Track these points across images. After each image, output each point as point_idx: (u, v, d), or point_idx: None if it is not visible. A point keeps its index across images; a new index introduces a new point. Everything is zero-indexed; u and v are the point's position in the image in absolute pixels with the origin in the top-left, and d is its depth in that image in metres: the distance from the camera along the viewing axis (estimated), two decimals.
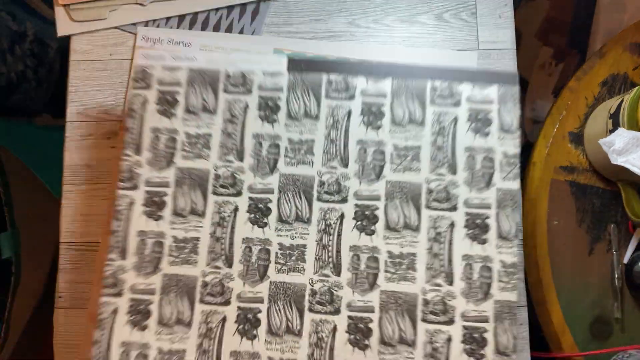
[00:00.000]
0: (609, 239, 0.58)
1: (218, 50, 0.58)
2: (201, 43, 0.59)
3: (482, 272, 0.47)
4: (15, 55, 0.86)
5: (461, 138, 0.49)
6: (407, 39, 0.60)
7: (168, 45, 0.59)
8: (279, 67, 0.51)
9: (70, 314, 0.56)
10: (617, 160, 0.50)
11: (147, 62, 0.52)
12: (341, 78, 0.50)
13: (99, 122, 0.59)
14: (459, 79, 0.50)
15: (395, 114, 0.50)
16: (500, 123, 0.49)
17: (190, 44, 0.59)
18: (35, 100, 0.94)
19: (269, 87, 0.51)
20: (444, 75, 0.50)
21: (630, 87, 0.60)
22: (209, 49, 0.59)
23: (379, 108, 0.50)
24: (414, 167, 0.49)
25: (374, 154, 0.50)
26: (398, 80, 0.50)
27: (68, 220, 0.58)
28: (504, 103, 0.50)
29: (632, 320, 0.57)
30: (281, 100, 0.51)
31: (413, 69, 0.51)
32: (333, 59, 0.53)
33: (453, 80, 0.50)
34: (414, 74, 0.50)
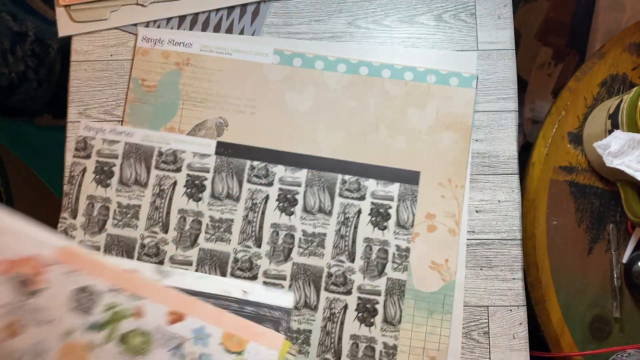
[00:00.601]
0: (608, 238, 0.58)
1: (218, 51, 0.58)
2: (202, 43, 0.60)
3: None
4: (16, 56, 0.87)
5: (362, 229, 0.55)
6: (406, 40, 0.60)
7: (169, 45, 0.59)
8: (208, 149, 0.57)
9: None
10: (613, 163, 0.50)
11: (89, 133, 0.57)
12: (263, 165, 0.56)
13: (100, 122, 0.59)
14: (366, 175, 0.56)
15: (307, 203, 0.56)
16: (397, 219, 0.55)
17: (190, 44, 0.60)
18: (36, 100, 0.94)
19: (197, 167, 0.56)
20: (354, 170, 0.56)
21: (629, 87, 0.61)
22: (209, 50, 0.59)
23: (293, 195, 0.56)
24: (318, 252, 0.55)
25: (284, 237, 0.55)
26: (313, 171, 0.56)
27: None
28: (403, 201, 0.55)
29: (631, 319, 0.57)
30: (207, 180, 0.56)
31: (328, 161, 0.56)
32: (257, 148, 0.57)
33: (361, 176, 0.56)
34: (328, 167, 0.56)
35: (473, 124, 0.58)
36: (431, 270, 0.55)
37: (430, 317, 0.54)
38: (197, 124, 0.58)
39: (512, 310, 0.55)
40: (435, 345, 0.54)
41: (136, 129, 0.58)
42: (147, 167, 0.57)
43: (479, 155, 0.58)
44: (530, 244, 0.58)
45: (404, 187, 0.56)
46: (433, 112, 0.57)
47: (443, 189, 0.56)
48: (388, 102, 0.57)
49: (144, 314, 0.51)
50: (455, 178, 0.56)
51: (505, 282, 0.56)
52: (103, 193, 0.56)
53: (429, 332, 0.54)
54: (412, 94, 0.58)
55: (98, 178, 0.56)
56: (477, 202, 0.57)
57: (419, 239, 0.56)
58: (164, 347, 0.50)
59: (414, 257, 0.55)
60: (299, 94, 0.58)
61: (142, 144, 0.57)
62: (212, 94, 0.58)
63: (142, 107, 0.58)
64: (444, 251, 0.55)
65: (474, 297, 0.56)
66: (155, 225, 0.55)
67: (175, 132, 0.58)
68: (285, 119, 0.58)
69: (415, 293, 0.55)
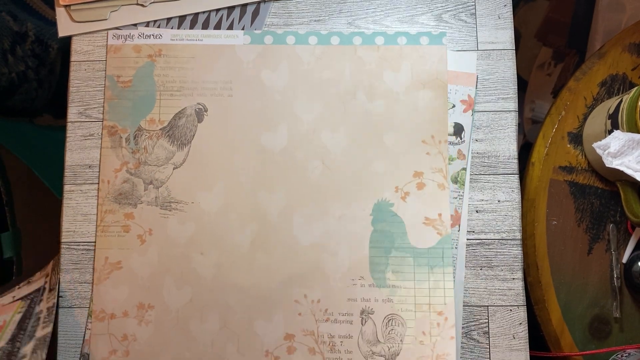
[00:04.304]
0: (607, 238, 0.58)
1: (189, 38, 0.59)
2: (172, 33, 0.60)
3: None
4: (16, 56, 0.87)
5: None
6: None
7: (140, 39, 0.59)
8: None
9: (70, 314, 0.57)
10: (612, 163, 0.50)
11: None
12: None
13: (100, 122, 0.59)
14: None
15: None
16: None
17: (160, 35, 0.60)
18: (37, 100, 0.94)
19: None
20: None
21: (629, 87, 0.61)
22: (179, 38, 0.59)
23: None
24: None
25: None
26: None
27: (69, 220, 0.58)
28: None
29: (631, 319, 0.57)
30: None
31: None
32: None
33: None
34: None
35: (473, 124, 0.58)
36: (426, 226, 0.56)
37: (432, 272, 0.55)
38: (177, 112, 0.58)
39: (512, 310, 0.56)
40: (441, 300, 0.55)
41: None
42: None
43: (479, 155, 0.58)
44: (530, 244, 0.58)
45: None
46: (408, 73, 0.58)
47: (427, 146, 0.57)
48: (363, 68, 0.58)
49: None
50: (438, 134, 0.57)
51: (505, 282, 0.56)
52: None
53: (432, 287, 0.55)
54: (385, 57, 0.58)
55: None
56: (477, 202, 0.57)
57: (410, 197, 0.56)
58: None
59: (407, 216, 0.56)
60: (273, 71, 0.58)
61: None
62: (188, 81, 0.59)
63: (121, 103, 0.59)
64: (436, 206, 0.56)
65: (474, 297, 0.56)
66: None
67: (156, 124, 0.58)
68: (263, 97, 0.58)
69: (413, 250, 0.55)
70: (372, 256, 0.56)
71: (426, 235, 0.56)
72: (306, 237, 0.56)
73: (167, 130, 0.58)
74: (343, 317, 0.55)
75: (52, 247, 0.87)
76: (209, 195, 0.57)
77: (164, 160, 0.58)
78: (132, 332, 0.55)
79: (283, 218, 0.56)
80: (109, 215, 0.57)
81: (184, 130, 0.58)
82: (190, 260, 0.56)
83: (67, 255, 0.58)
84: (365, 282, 0.55)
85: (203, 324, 0.55)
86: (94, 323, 0.55)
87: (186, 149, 0.58)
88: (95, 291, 0.56)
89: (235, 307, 0.55)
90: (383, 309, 0.55)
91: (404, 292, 0.55)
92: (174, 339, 0.55)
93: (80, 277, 0.57)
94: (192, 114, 0.58)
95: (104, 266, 0.56)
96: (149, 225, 0.57)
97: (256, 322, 0.55)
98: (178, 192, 0.57)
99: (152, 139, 0.58)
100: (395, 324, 0.54)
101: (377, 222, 0.56)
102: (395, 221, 0.56)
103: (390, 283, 0.55)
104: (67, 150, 0.59)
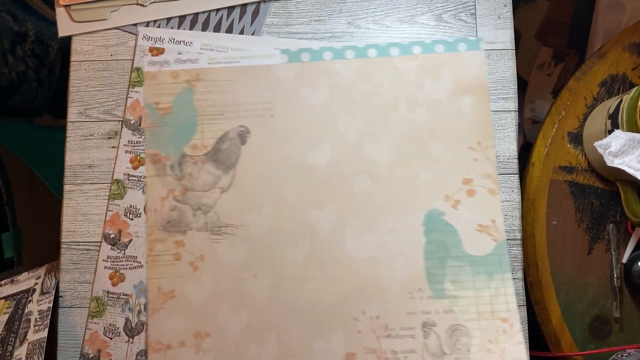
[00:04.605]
0: (607, 238, 0.58)
1: (226, 61, 0.58)
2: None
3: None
4: (16, 56, 0.87)
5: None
6: (406, 40, 0.60)
7: (176, 65, 0.58)
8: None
9: (70, 314, 0.57)
10: (613, 163, 0.50)
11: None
12: None
13: (100, 122, 0.60)
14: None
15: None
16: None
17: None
18: (37, 100, 0.94)
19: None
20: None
21: (629, 87, 0.61)
22: (216, 62, 0.59)
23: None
24: None
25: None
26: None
27: (69, 220, 0.58)
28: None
29: (631, 319, 0.57)
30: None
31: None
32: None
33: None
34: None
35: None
36: (480, 234, 0.55)
37: (491, 279, 0.54)
38: (220, 136, 0.57)
39: None
40: (504, 306, 0.54)
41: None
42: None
43: None
44: (530, 244, 0.58)
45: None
46: (448, 80, 0.57)
47: (474, 152, 0.56)
48: (402, 78, 0.58)
49: None
50: (484, 139, 0.56)
51: None
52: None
53: (492, 294, 0.54)
54: (424, 66, 0.58)
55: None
56: None
57: (461, 205, 0.55)
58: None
59: (460, 224, 0.55)
60: (313, 88, 0.58)
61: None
62: (228, 104, 0.58)
63: (161, 130, 0.58)
64: (488, 212, 0.55)
65: None
66: None
67: (199, 149, 0.57)
68: (304, 114, 0.58)
69: (469, 259, 0.55)
70: (428, 267, 0.55)
71: (481, 243, 0.55)
72: (359, 252, 0.55)
73: (212, 155, 0.57)
74: (404, 332, 0.53)
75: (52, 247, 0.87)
76: (258, 217, 0.56)
77: (210, 185, 0.57)
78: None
79: (334, 234, 0.56)
80: (159, 244, 0.56)
81: (228, 153, 0.57)
82: (245, 283, 0.55)
83: (67, 255, 0.58)
84: (423, 294, 0.54)
85: (262, 348, 0.53)
86: (150, 355, 0.54)
87: (231, 172, 0.57)
88: (150, 322, 0.55)
89: (293, 327, 0.54)
90: (445, 320, 0.54)
91: (465, 301, 0.54)
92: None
93: (80, 277, 0.57)
94: (235, 136, 0.57)
95: (157, 296, 0.55)
96: (200, 252, 0.56)
97: (316, 342, 0.54)
98: (227, 216, 0.56)
99: (197, 165, 0.57)
100: (460, 334, 0.53)
101: (430, 233, 0.55)
102: (449, 230, 0.55)
103: (450, 293, 0.54)
104: (67, 150, 0.59)
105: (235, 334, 0.54)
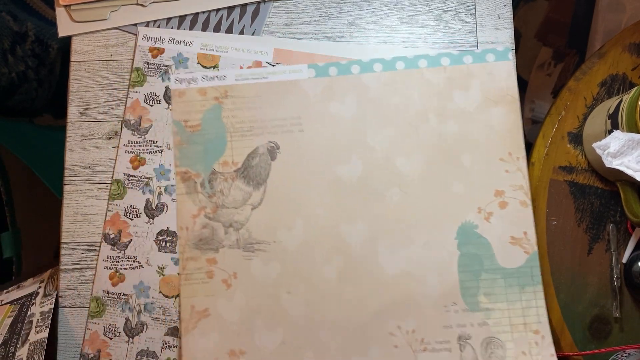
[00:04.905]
0: (607, 238, 0.58)
1: (253, 77, 0.58)
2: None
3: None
4: (16, 56, 0.87)
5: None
6: (406, 40, 0.60)
7: (204, 82, 0.58)
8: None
9: (70, 314, 0.57)
10: (612, 163, 0.50)
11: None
12: None
13: (100, 122, 0.60)
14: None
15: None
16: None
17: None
18: (37, 100, 0.94)
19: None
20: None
21: (629, 87, 0.61)
22: (244, 78, 0.58)
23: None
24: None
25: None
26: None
27: (69, 220, 0.58)
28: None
29: (631, 319, 0.57)
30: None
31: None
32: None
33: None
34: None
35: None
36: (512, 246, 0.55)
37: (523, 291, 0.54)
38: (250, 152, 0.57)
39: None
40: (535, 319, 0.54)
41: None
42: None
43: None
44: None
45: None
46: (478, 91, 0.57)
47: (505, 163, 0.56)
48: (431, 90, 0.57)
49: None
50: (515, 150, 0.56)
51: None
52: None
53: (525, 306, 0.54)
54: (453, 77, 0.58)
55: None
56: None
57: (493, 217, 0.55)
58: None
59: (492, 236, 0.55)
60: (341, 102, 0.58)
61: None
62: (257, 120, 0.58)
63: (191, 147, 0.58)
64: (521, 224, 0.55)
65: None
66: None
67: (230, 165, 0.57)
68: (333, 129, 0.57)
69: (502, 271, 0.55)
70: (462, 280, 0.55)
71: (514, 255, 0.55)
72: (393, 266, 0.55)
73: (242, 172, 0.57)
74: (440, 346, 0.53)
75: (52, 247, 0.87)
76: (290, 233, 0.56)
77: (241, 202, 0.57)
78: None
79: (367, 249, 0.55)
80: (191, 262, 0.56)
81: (258, 169, 0.57)
82: (279, 300, 0.55)
83: (67, 255, 0.58)
84: (458, 308, 0.54)
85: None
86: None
87: (262, 188, 0.57)
88: (183, 342, 0.54)
89: (329, 344, 0.54)
90: (479, 332, 0.54)
91: (499, 314, 0.54)
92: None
93: (80, 277, 0.57)
94: (265, 152, 0.57)
95: (191, 315, 0.55)
96: (233, 269, 0.56)
97: (353, 358, 0.53)
98: (259, 232, 0.56)
99: (227, 182, 0.57)
100: (494, 346, 0.53)
101: (464, 245, 0.55)
102: (482, 243, 0.55)
103: (484, 306, 0.54)
104: (67, 150, 0.59)
105: (271, 351, 0.54)
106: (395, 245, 0.55)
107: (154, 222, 0.58)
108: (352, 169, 0.57)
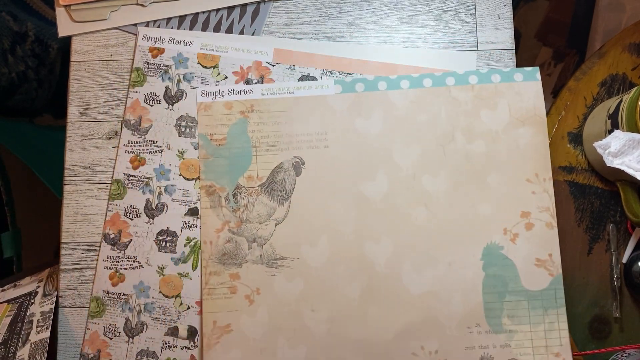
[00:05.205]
0: (607, 238, 0.58)
1: (280, 92, 0.58)
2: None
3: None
4: (16, 56, 0.87)
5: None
6: (406, 40, 0.60)
7: (230, 95, 0.58)
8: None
9: (70, 314, 0.57)
10: (613, 163, 0.50)
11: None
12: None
13: (100, 122, 0.60)
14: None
15: None
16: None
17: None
18: (37, 100, 0.94)
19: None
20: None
21: (629, 87, 0.61)
22: (270, 92, 0.58)
23: None
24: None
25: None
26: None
27: (69, 220, 0.58)
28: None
29: (631, 319, 0.57)
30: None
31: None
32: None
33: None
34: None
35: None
36: (537, 268, 0.55)
37: (546, 314, 0.54)
38: (275, 167, 0.57)
39: None
40: (557, 341, 0.54)
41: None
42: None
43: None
44: None
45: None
46: (505, 111, 0.57)
47: (532, 184, 0.56)
48: (459, 109, 0.57)
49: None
50: (542, 171, 0.56)
51: None
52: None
53: (547, 329, 0.54)
54: (481, 96, 0.57)
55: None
56: None
57: (519, 239, 0.55)
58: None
59: (518, 258, 0.55)
60: (367, 119, 0.57)
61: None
62: (283, 135, 0.57)
63: (216, 161, 0.58)
64: (546, 246, 0.55)
65: None
66: None
67: (254, 180, 0.57)
68: (359, 145, 0.57)
69: (526, 293, 0.54)
70: (486, 302, 0.54)
71: (538, 277, 0.55)
72: (417, 286, 0.55)
73: (267, 186, 0.57)
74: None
75: (52, 247, 0.87)
76: (314, 250, 0.56)
77: (265, 217, 0.57)
78: None
79: (391, 268, 0.55)
80: (214, 277, 0.56)
81: (283, 185, 0.57)
82: (302, 317, 0.55)
83: (67, 255, 0.58)
84: (482, 329, 0.54)
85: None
86: None
87: (287, 203, 0.57)
88: (205, 358, 0.54)
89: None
90: (502, 354, 0.54)
91: (521, 335, 0.54)
92: None
93: (80, 277, 0.57)
94: (290, 168, 0.57)
95: (213, 330, 0.55)
96: (256, 285, 0.55)
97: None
98: (282, 248, 0.56)
99: (251, 196, 0.57)
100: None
101: (489, 267, 0.55)
102: (507, 264, 0.55)
103: (507, 328, 0.54)
104: (67, 150, 0.59)
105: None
106: (420, 265, 0.55)
107: (154, 222, 0.58)
108: (378, 186, 0.56)
